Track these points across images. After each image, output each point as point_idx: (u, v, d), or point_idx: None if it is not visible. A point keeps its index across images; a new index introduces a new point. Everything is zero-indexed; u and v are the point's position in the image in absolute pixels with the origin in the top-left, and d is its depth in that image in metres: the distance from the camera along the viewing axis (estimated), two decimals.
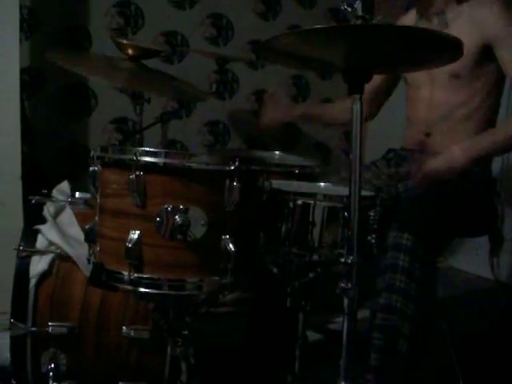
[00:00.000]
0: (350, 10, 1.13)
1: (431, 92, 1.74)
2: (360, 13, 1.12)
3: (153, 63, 2.05)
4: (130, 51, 1.95)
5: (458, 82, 1.65)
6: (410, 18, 1.81)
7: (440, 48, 1.13)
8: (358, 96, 1.13)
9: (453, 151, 1.57)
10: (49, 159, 2.69)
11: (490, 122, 1.74)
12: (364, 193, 1.26)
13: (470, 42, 1.53)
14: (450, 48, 1.12)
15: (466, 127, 1.73)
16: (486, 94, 1.70)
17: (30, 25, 2.80)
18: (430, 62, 1.27)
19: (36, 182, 1.81)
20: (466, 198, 1.66)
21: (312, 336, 2.06)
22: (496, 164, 1.84)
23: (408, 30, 1.14)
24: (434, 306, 1.60)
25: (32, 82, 2.82)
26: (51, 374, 1.39)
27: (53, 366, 1.39)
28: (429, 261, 1.49)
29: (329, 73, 3.21)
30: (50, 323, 1.39)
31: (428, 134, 1.78)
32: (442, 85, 1.70)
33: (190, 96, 2.28)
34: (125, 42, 2.02)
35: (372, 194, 1.38)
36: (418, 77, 1.78)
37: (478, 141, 1.63)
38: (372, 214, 1.30)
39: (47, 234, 1.43)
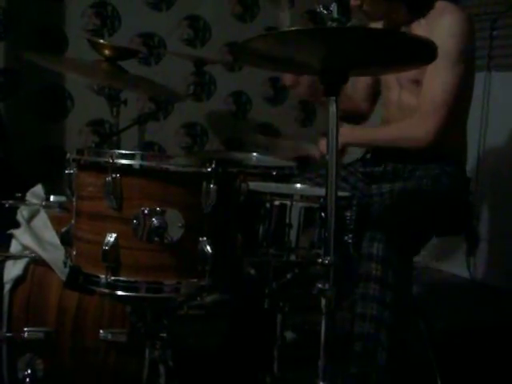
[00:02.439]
0: (325, 12, 1.14)
1: (400, 95, 1.77)
2: (336, 15, 1.12)
3: (130, 65, 2.03)
4: (107, 52, 1.93)
5: (419, 88, 1.67)
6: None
7: (414, 50, 1.15)
8: (333, 98, 1.14)
9: (342, 129, 1.53)
10: (23, 161, 2.66)
11: (460, 122, 1.76)
12: (340, 193, 1.27)
13: None
14: (424, 50, 1.13)
15: None
16: None
17: (4, 25, 2.76)
18: (405, 64, 1.29)
19: (10, 185, 1.79)
20: (440, 198, 1.68)
21: (290, 336, 2.07)
22: (471, 163, 1.86)
23: (383, 33, 1.15)
24: (411, 311, 1.60)
25: (7, 83, 2.79)
26: (28, 379, 1.37)
27: (30, 371, 1.37)
28: (403, 267, 1.48)
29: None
30: (25, 328, 1.37)
31: None
32: (407, 89, 1.73)
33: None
34: (101, 41, 2.00)
35: (348, 194, 1.39)
36: (389, 80, 1.81)
37: (370, 131, 1.82)
38: (348, 214, 1.31)
39: (21, 238, 1.42)
